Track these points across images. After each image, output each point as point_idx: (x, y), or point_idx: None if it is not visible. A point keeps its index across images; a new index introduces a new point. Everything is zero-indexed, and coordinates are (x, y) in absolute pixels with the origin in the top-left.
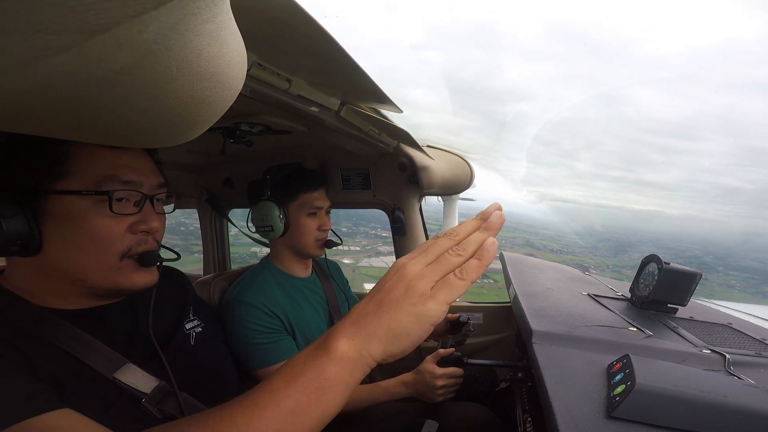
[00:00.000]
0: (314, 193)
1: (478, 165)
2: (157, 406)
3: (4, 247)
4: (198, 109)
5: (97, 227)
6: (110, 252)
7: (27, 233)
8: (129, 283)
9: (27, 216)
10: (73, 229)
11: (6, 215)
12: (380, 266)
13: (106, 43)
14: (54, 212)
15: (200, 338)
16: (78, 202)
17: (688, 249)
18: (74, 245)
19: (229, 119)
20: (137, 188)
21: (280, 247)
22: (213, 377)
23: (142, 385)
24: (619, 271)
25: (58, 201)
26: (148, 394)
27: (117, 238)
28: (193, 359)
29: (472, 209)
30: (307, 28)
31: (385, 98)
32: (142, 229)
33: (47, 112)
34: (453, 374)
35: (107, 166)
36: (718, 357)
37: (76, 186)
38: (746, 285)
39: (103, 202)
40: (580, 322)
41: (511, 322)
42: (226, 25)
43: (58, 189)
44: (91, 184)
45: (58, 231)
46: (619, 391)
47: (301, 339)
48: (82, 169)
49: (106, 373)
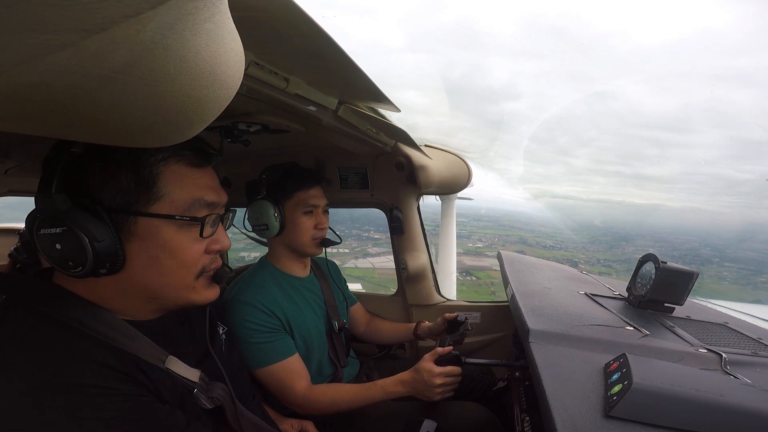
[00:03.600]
0: (309, 191)
1: (475, 164)
2: (205, 395)
3: (95, 270)
4: (195, 108)
5: (184, 250)
6: (191, 272)
7: (114, 254)
8: (201, 300)
9: (115, 237)
10: (161, 250)
11: (98, 239)
12: (366, 266)
13: (103, 42)
14: (141, 233)
15: (226, 343)
16: (167, 226)
17: (686, 241)
18: (158, 265)
19: (227, 118)
20: (215, 209)
21: (278, 247)
22: (237, 378)
23: (190, 374)
24: (610, 266)
25: (147, 223)
26: (197, 383)
27: (196, 259)
28: (226, 362)
29: (470, 208)
30: (304, 27)
31: (383, 97)
32: (217, 249)
33: (45, 111)
34: (451, 373)
35: (194, 188)
36: (715, 356)
37: (168, 209)
38: (738, 277)
39: (189, 225)
40: (578, 321)
41: (508, 322)
42: (223, 24)
43: (151, 212)
44: (183, 207)
45: (143, 252)
46: (616, 390)
47: (299, 338)
48: (173, 191)
49: (159, 364)
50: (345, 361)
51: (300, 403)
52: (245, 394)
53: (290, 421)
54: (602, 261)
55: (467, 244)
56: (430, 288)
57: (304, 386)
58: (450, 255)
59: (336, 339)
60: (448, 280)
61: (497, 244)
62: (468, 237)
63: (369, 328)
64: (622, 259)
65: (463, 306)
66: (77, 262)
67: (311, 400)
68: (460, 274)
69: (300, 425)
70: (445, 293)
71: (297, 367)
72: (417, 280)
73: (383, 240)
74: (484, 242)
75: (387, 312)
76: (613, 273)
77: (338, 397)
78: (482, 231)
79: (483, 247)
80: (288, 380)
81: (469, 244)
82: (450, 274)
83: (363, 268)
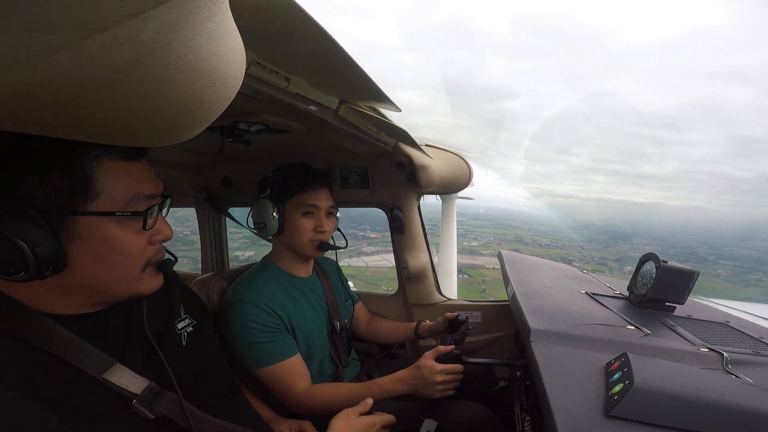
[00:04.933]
0: (311, 193)
1: (475, 164)
2: (148, 407)
3: (39, 273)
4: (196, 107)
5: (127, 244)
6: (137, 265)
7: (56, 256)
8: (148, 289)
9: (54, 239)
10: (104, 247)
11: (37, 243)
12: (359, 265)
13: (105, 41)
14: (82, 233)
15: (192, 337)
16: (108, 222)
17: (683, 240)
18: (103, 261)
19: (228, 118)
20: (154, 201)
21: (280, 246)
22: (205, 375)
23: (132, 385)
24: (604, 263)
25: (87, 222)
26: (138, 394)
27: (141, 251)
28: (186, 358)
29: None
30: (305, 27)
31: (384, 97)
32: (160, 239)
33: (47, 111)
34: (453, 370)
35: (131, 182)
36: (716, 355)
37: (106, 207)
38: (732, 274)
39: (131, 219)
40: (579, 320)
41: (509, 321)
42: (224, 23)
43: (90, 210)
44: (122, 203)
45: (86, 250)
46: (617, 389)
47: (300, 338)
48: (110, 188)
49: (96, 374)
50: (346, 361)
51: (300, 403)
52: (218, 391)
53: (288, 421)
54: (597, 259)
55: (462, 243)
56: (431, 287)
57: (305, 386)
58: (450, 254)
59: (337, 339)
60: (448, 279)
61: (493, 242)
62: (464, 236)
63: (370, 328)
64: (617, 257)
65: (463, 305)
66: (18, 268)
67: (311, 400)
68: None
69: (298, 426)
70: (445, 293)
71: (298, 367)
72: (417, 280)
73: (378, 239)
74: (480, 241)
75: (387, 311)
76: (607, 270)
77: (337, 396)
78: (479, 230)
79: (478, 246)
80: (289, 380)
81: (464, 242)
82: (451, 274)
83: (356, 267)
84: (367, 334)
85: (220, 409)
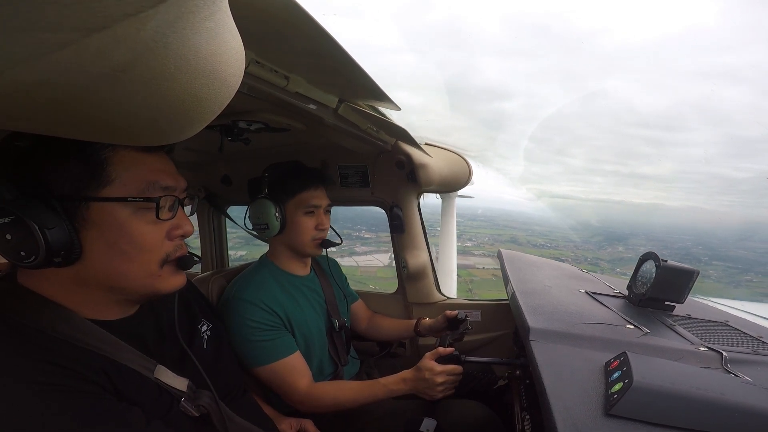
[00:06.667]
0: (312, 192)
1: (475, 162)
2: (193, 404)
3: (48, 259)
4: (196, 106)
5: (141, 234)
6: (153, 260)
7: (69, 243)
8: (167, 288)
9: (68, 225)
10: (118, 236)
11: (48, 226)
12: (350, 265)
13: (104, 40)
14: (96, 220)
15: (210, 340)
16: (121, 209)
17: (679, 240)
18: (118, 252)
19: (227, 116)
20: (173, 193)
21: (278, 246)
22: (224, 376)
23: (177, 384)
24: (597, 264)
25: (100, 208)
26: (185, 392)
27: (158, 245)
28: (208, 361)
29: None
30: (305, 25)
31: (383, 96)
32: (179, 234)
33: (46, 110)
34: (453, 371)
35: (147, 172)
36: (715, 354)
37: (119, 193)
38: (723, 275)
39: (145, 209)
40: (578, 319)
41: (509, 320)
42: (224, 22)
43: (102, 196)
44: (135, 191)
45: (100, 239)
46: (617, 388)
47: (299, 337)
48: (124, 175)
49: (149, 375)
50: (345, 359)
51: (302, 401)
52: (233, 390)
53: (289, 420)
54: (590, 259)
55: (456, 244)
56: (431, 286)
57: (306, 384)
58: (450, 253)
59: (336, 337)
60: (448, 278)
61: (487, 243)
62: (459, 236)
63: (370, 325)
64: (611, 258)
65: (463, 304)
66: (29, 252)
67: (314, 398)
68: None
69: (299, 424)
70: (445, 291)
71: (298, 365)
72: (417, 279)
73: (372, 239)
74: (474, 241)
75: (387, 310)
76: (598, 270)
77: (341, 394)
78: (474, 230)
79: (471, 246)
80: (290, 378)
81: (458, 243)
82: (450, 273)
83: (346, 266)
84: (367, 331)
85: (234, 408)
